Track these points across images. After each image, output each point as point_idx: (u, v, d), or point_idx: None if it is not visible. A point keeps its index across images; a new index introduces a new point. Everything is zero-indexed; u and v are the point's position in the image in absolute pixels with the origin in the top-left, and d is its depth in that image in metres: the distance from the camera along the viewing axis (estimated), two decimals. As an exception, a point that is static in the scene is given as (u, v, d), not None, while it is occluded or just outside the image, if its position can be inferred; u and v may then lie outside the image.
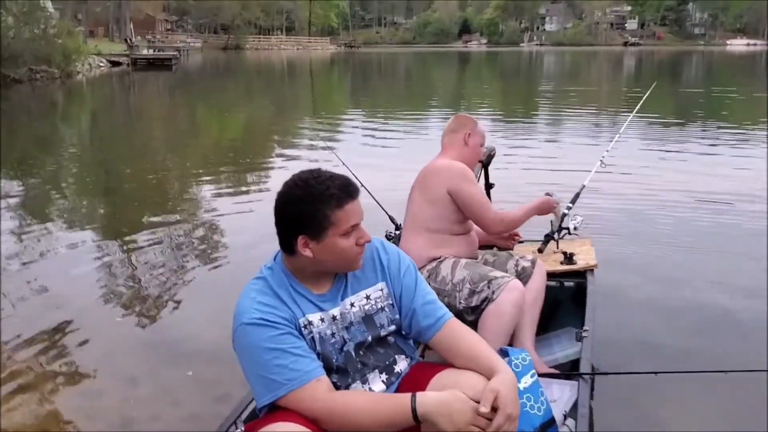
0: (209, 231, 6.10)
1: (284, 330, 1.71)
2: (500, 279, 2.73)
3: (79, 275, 4.81)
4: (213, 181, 8.37)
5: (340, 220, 1.72)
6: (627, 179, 7.49)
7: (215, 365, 3.31)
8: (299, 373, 1.67)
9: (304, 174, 1.76)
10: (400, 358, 1.92)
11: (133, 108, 20.56)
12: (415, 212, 2.99)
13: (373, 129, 14.06)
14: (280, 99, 22.14)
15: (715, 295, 4.29)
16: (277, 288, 1.77)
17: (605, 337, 3.31)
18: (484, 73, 41.36)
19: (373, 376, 1.86)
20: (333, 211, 1.71)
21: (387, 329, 1.88)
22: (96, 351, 3.62)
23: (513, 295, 2.68)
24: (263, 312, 1.71)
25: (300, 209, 1.73)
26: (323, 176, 1.75)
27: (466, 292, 2.76)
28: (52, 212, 6.82)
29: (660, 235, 5.58)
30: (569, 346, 3.07)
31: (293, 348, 1.70)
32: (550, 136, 12.63)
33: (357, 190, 1.78)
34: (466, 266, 2.84)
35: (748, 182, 7.63)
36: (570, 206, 3.67)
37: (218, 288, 4.55)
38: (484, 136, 3.16)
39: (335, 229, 1.73)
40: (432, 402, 1.64)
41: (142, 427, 2.91)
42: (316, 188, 1.72)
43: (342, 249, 1.75)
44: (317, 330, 1.78)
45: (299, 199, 1.73)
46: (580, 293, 3.36)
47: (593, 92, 24.40)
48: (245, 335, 1.70)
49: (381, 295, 1.89)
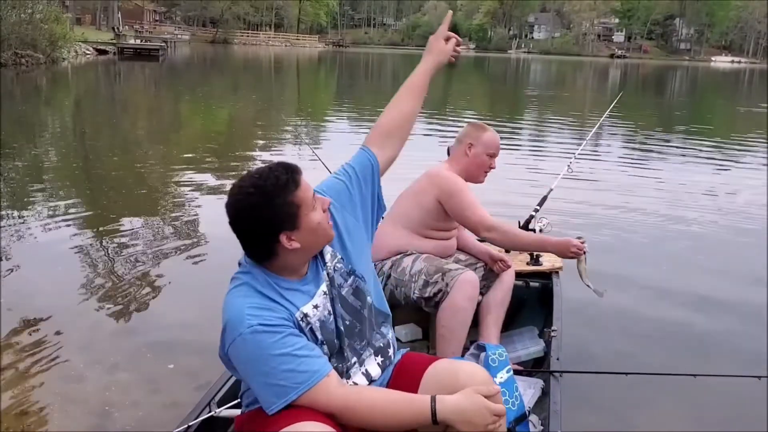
0: (190, 222, 6.10)
1: (285, 332, 1.67)
2: (454, 271, 2.79)
3: (57, 264, 4.80)
4: (196, 173, 8.33)
5: (303, 198, 1.71)
6: (592, 184, 7.69)
7: (196, 354, 3.32)
8: (308, 374, 1.65)
9: (245, 181, 1.71)
10: (390, 340, 1.95)
11: (117, 97, 20.38)
12: (403, 209, 3.05)
13: (355, 127, 14.21)
14: (266, 94, 22.06)
15: (676, 301, 4.39)
16: (262, 289, 1.72)
17: (566, 337, 3.38)
18: (472, 78, 41.51)
19: (369, 358, 1.88)
20: (294, 194, 1.70)
21: (347, 285, 1.86)
22: (75, 339, 3.61)
23: (466, 289, 2.75)
24: (259, 317, 1.65)
25: (268, 211, 1.68)
26: (264, 172, 1.71)
27: (420, 282, 2.82)
28: (31, 200, 6.76)
29: (624, 241, 5.73)
30: (531, 345, 3.16)
31: (298, 350, 1.66)
32: (525, 140, 12.81)
33: (297, 166, 1.75)
34: (425, 259, 2.91)
35: (715, 192, 7.94)
36: (537, 209, 3.80)
37: (199, 278, 4.57)
38: (493, 145, 3.07)
39: (304, 208, 1.71)
40: (452, 407, 1.65)
41: (123, 413, 2.93)
42: (269, 184, 1.68)
43: (317, 222, 1.74)
44: (315, 318, 1.76)
45: (261, 203, 1.68)
46: (544, 294, 3.46)
47: (575, 100, 24.62)
48: (245, 345, 1.64)
49: (331, 256, 1.86)
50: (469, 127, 3.13)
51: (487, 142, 3.04)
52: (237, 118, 15.61)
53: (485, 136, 3.05)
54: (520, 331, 3.29)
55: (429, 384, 1.80)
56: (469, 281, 2.76)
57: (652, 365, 3.38)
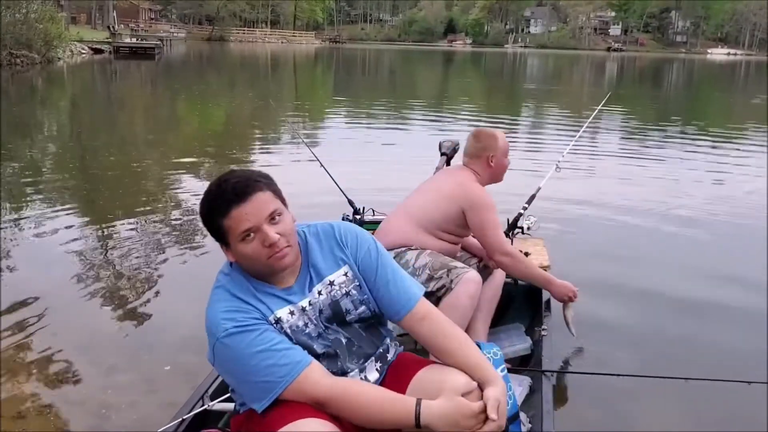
0: (187, 221, 6.07)
1: (260, 329, 1.68)
2: (459, 269, 2.81)
3: (55, 264, 4.77)
4: (193, 171, 8.34)
5: (231, 228, 1.68)
6: (581, 184, 7.64)
7: (194, 354, 3.30)
8: (291, 366, 1.66)
9: (213, 183, 1.73)
10: (389, 344, 1.94)
11: (114, 96, 20.34)
12: (420, 205, 3.06)
13: (351, 123, 14.29)
14: (262, 92, 22.04)
15: (663, 303, 4.32)
16: (237, 292, 1.73)
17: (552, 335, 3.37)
18: (469, 73, 41.51)
19: (370, 366, 1.86)
20: (223, 220, 1.68)
21: (355, 313, 1.84)
22: (73, 340, 3.59)
23: (470, 287, 2.76)
24: (234, 320, 1.67)
25: (205, 220, 1.74)
26: (222, 183, 1.70)
27: (424, 276, 2.82)
28: (28, 200, 6.74)
29: (612, 241, 5.68)
30: (518, 342, 3.17)
31: (277, 344, 1.67)
32: (518, 135, 12.70)
33: (241, 194, 1.66)
34: (430, 254, 2.92)
35: (704, 190, 7.84)
36: (526, 206, 3.81)
37: (196, 277, 4.55)
38: (507, 147, 3.17)
39: (231, 236, 1.69)
40: (437, 413, 1.64)
41: (120, 413, 2.92)
42: (209, 199, 1.71)
43: (248, 254, 1.69)
44: (288, 324, 1.75)
45: (201, 212, 1.74)
46: (531, 292, 3.47)
47: (571, 94, 24.60)
48: (225, 349, 1.67)
49: (345, 280, 1.84)
50: (483, 138, 3.16)
51: (503, 147, 3.14)
52: (234, 116, 15.58)
53: (500, 143, 3.14)
54: (507, 328, 3.30)
55: (416, 388, 1.79)
56: (474, 280, 2.78)
57: (641, 367, 3.35)
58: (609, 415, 3.01)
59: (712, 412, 3.05)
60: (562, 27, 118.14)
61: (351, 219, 3.87)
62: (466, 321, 2.77)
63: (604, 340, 3.71)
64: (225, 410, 2.30)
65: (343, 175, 4.58)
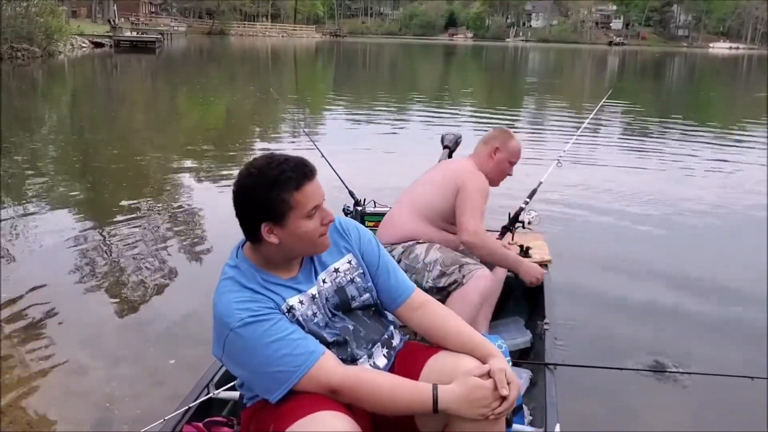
0: (191, 214, 6.09)
1: (275, 319, 1.68)
2: (471, 265, 2.83)
3: (59, 258, 4.78)
4: (196, 164, 8.35)
5: (300, 203, 1.68)
6: (583, 179, 7.61)
7: (199, 346, 3.32)
8: (306, 356, 1.66)
9: (258, 161, 1.72)
10: (393, 330, 1.95)
11: (115, 90, 20.32)
12: (421, 197, 3.05)
13: (351, 115, 14.29)
14: (263, 85, 22.01)
15: (665, 296, 4.33)
16: (247, 283, 1.72)
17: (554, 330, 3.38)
18: (470, 66, 41.45)
19: (377, 351, 1.88)
20: (292, 195, 1.67)
21: (359, 300, 1.87)
22: (77, 333, 3.62)
23: (481, 283, 2.78)
24: (249, 309, 1.66)
25: (259, 197, 1.68)
26: (277, 160, 1.70)
27: (436, 272, 2.83)
28: (31, 194, 6.75)
29: (613, 236, 5.69)
30: (518, 335, 3.18)
31: (292, 333, 1.67)
32: (520, 129, 12.63)
33: (313, 171, 1.72)
34: (440, 249, 2.92)
35: (704, 184, 7.87)
36: (527, 201, 3.82)
37: (200, 270, 4.58)
38: (516, 154, 3.15)
39: (297, 212, 1.69)
40: (454, 397, 1.66)
41: (125, 406, 2.94)
42: (272, 173, 1.67)
43: (306, 231, 1.71)
44: (299, 313, 1.75)
45: (257, 187, 1.69)
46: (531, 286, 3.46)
47: (572, 88, 24.56)
48: (239, 339, 1.65)
49: (349, 267, 1.88)
50: (497, 132, 3.21)
51: (512, 149, 3.13)
52: (235, 109, 15.58)
53: (512, 144, 3.13)
54: (506, 322, 3.31)
55: (430, 373, 1.80)
56: (486, 277, 2.80)
57: (642, 361, 3.35)
58: (610, 408, 3.03)
59: (713, 407, 3.07)
60: (563, 21, 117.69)
61: (352, 210, 3.90)
62: (472, 317, 2.76)
63: (606, 334, 3.72)
64: (230, 398, 2.33)
65: (344, 168, 4.59)
